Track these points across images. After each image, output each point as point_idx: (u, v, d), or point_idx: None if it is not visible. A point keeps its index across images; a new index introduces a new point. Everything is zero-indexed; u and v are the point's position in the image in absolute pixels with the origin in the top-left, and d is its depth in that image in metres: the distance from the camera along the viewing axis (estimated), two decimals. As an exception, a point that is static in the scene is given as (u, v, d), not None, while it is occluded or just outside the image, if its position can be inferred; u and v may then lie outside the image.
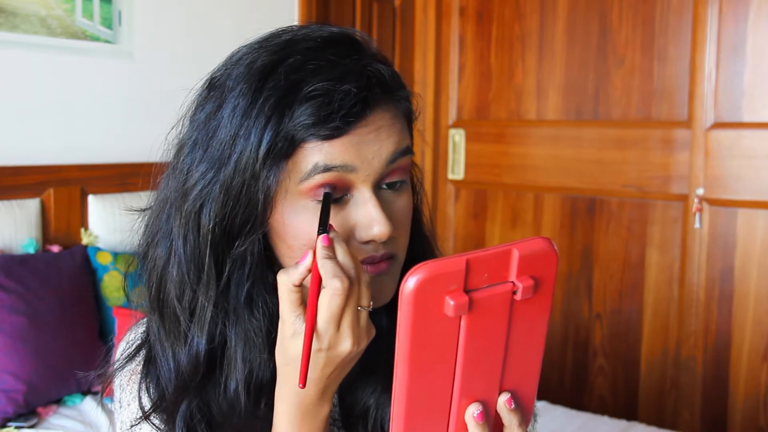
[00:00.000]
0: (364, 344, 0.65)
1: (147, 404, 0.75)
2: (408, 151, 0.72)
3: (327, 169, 0.67)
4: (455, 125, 3.34)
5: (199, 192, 0.70)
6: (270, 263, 0.74)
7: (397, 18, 3.31)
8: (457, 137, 3.31)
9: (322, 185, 0.68)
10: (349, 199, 0.70)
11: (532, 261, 0.59)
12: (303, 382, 0.62)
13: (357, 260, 0.65)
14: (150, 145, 0.82)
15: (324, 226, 0.65)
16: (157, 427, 0.75)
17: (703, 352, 2.71)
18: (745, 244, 2.61)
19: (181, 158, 0.73)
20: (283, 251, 0.72)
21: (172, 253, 0.73)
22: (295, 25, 0.74)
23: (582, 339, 2.99)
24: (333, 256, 0.64)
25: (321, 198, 0.68)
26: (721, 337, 2.67)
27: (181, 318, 0.72)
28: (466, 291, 0.56)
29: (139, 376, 0.77)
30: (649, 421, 2.73)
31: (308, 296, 0.63)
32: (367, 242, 0.70)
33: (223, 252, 0.71)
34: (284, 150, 0.67)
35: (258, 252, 0.72)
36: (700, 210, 2.67)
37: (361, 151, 0.68)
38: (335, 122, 0.66)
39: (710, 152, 2.65)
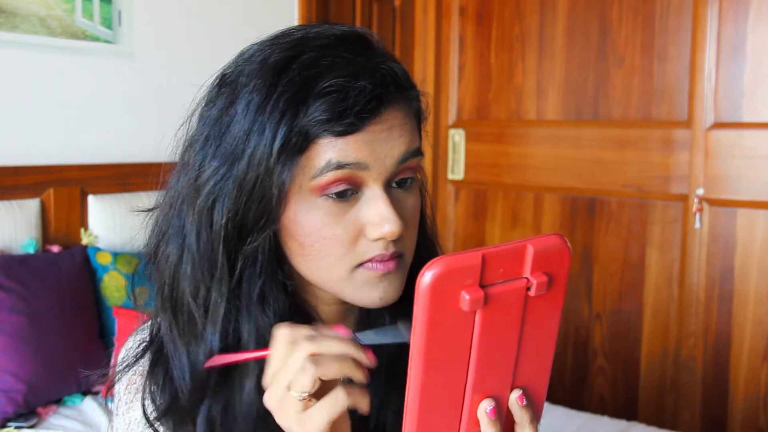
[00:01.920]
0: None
1: (150, 411, 0.74)
2: (418, 152, 0.72)
3: (340, 166, 0.67)
4: (455, 125, 3.34)
5: (212, 188, 0.70)
6: (279, 261, 0.73)
7: (397, 18, 3.31)
8: (457, 137, 3.31)
9: (334, 182, 0.68)
10: (360, 197, 0.70)
11: (546, 257, 0.59)
12: None
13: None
14: (150, 145, 0.82)
15: None
16: None
17: (703, 352, 2.71)
18: (745, 244, 2.61)
19: (192, 155, 0.73)
20: (294, 249, 0.72)
21: (185, 250, 0.72)
22: (306, 24, 0.74)
23: (582, 339, 2.99)
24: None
25: (332, 195, 0.68)
26: (721, 337, 2.67)
27: (197, 315, 0.72)
28: (482, 286, 0.56)
29: (136, 386, 0.76)
30: (649, 421, 2.73)
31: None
32: (377, 240, 0.70)
33: (236, 248, 0.71)
34: (298, 145, 0.67)
35: (269, 249, 0.71)
36: (700, 210, 2.68)
37: (373, 148, 0.68)
38: (349, 118, 0.66)
39: (710, 152, 2.66)
